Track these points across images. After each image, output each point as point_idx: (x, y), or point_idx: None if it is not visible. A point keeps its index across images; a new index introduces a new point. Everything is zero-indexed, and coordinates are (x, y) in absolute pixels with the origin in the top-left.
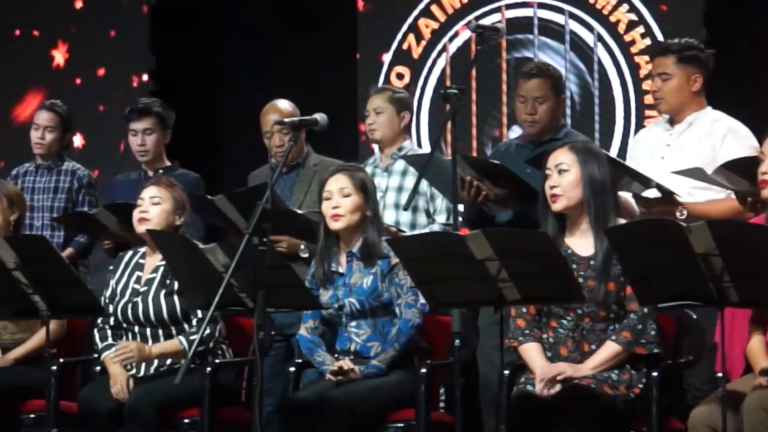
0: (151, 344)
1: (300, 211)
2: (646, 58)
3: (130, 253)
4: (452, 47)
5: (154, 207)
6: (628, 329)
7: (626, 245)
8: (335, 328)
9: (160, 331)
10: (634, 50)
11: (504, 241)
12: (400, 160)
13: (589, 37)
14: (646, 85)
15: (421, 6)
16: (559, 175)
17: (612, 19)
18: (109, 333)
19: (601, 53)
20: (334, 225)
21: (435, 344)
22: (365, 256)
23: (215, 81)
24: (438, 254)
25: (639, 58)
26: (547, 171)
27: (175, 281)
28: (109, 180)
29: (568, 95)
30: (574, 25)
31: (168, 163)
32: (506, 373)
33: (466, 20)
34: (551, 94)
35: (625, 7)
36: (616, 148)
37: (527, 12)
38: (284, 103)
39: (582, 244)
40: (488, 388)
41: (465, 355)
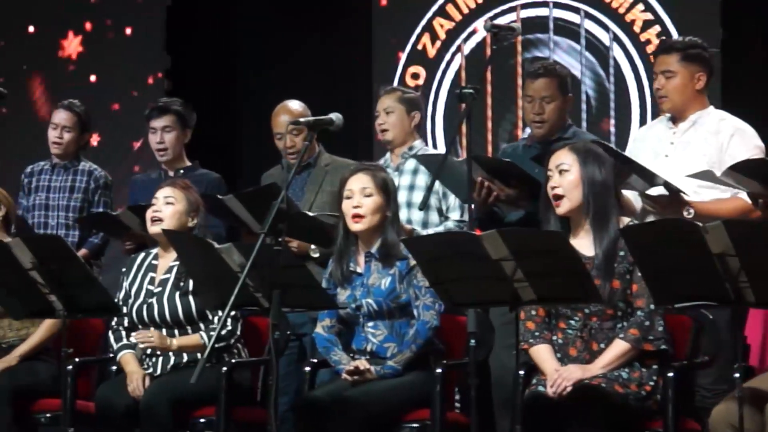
0: (161, 362)
1: (311, 213)
2: None
3: (143, 254)
4: (467, 47)
5: (167, 207)
6: (636, 326)
7: (642, 245)
8: (352, 328)
9: (175, 332)
10: (649, 50)
11: (519, 240)
12: (411, 159)
13: (604, 37)
14: None
15: (437, 6)
16: (560, 176)
17: (628, 18)
18: (124, 334)
19: (617, 53)
20: (355, 226)
21: (451, 344)
22: (384, 256)
23: (230, 80)
24: (453, 254)
25: (653, 53)
26: (549, 172)
27: (190, 281)
28: (120, 178)
29: (583, 94)
30: (589, 25)
31: (188, 163)
32: (521, 373)
33: (481, 20)
34: (558, 94)
35: (640, 6)
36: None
37: (542, 11)
38: (295, 104)
39: (586, 244)
40: (500, 388)
41: (481, 355)
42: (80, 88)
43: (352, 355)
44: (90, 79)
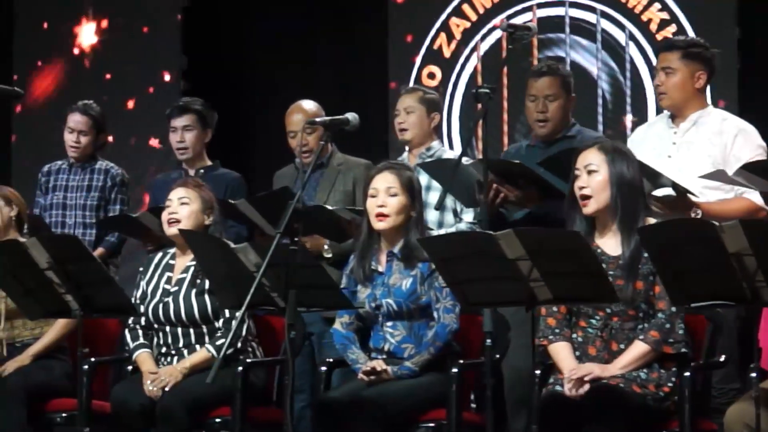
0: (182, 344)
1: (329, 207)
2: None
3: (160, 254)
4: (483, 46)
5: (182, 207)
6: (656, 328)
7: (659, 245)
8: (371, 326)
9: (191, 330)
10: None
11: (536, 240)
12: (428, 159)
13: (620, 36)
14: None
15: (453, 5)
16: (589, 176)
17: (644, 17)
18: (141, 333)
19: (633, 52)
20: (378, 225)
21: (467, 343)
22: (406, 257)
23: (245, 80)
24: (470, 254)
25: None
26: (576, 171)
27: (206, 280)
28: (133, 176)
29: (599, 94)
30: (605, 24)
31: (209, 163)
32: (537, 372)
33: (497, 19)
34: (561, 92)
35: (657, 5)
36: None
37: (559, 11)
38: (309, 104)
39: (611, 244)
40: (512, 388)
41: (497, 355)
42: (94, 85)
43: (368, 353)
44: (105, 77)
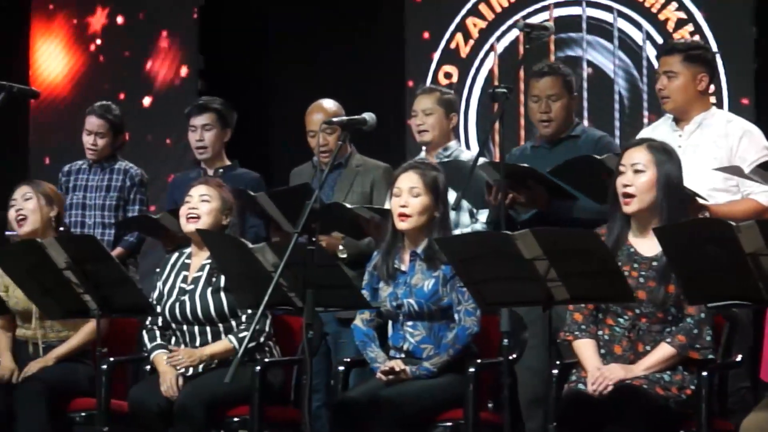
0: (199, 343)
1: (349, 205)
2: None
3: (176, 254)
4: (500, 46)
5: (203, 204)
6: (684, 333)
7: (675, 245)
8: (391, 324)
9: (208, 329)
10: None
11: (553, 240)
12: (445, 159)
13: (637, 36)
14: None
15: (470, 5)
16: (634, 175)
17: (661, 17)
18: (158, 333)
19: (650, 51)
20: (401, 225)
21: (484, 343)
22: (429, 258)
23: (262, 79)
24: (487, 254)
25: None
26: (621, 167)
27: (221, 277)
28: (149, 174)
29: (616, 94)
30: (622, 24)
31: (228, 162)
32: (555, 372)
33: (514, 19)
34: (564, 92)
35: (674, 5)
36: None
37: (576, 10)
38: (329, 103)
39: (646, 244)
40: (526, 388)
41: (514, 354)
42: (112, 84)
43: (387, 351)
44: (121, 75)
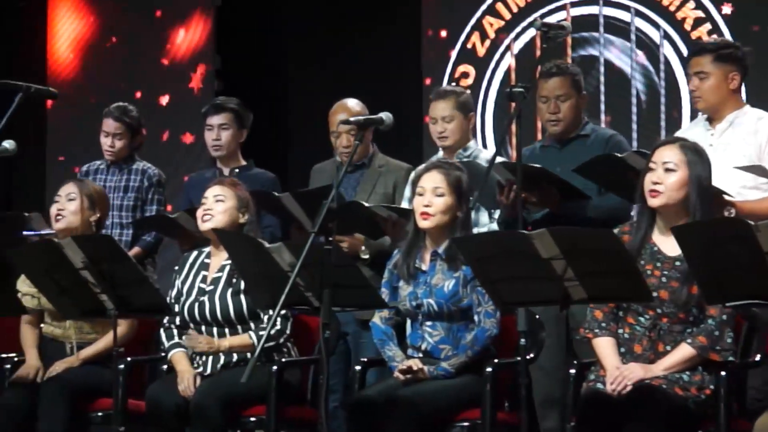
0: (212, 361)
1: (367, 203)
2: None
3: (195, 253)
4: (517, 46)
5: (217, 204)
6: (705, 334)
7: (693, 244)
8: (410, 323)
9: (226, 330)
10: None
11: (570, 239)
12: (465, 159)
13: (655, 35)
14: None
15: (486, 4)
16: (665, 173)
17: (678, 16)
18: (176, 332)
19: (668, 51)
20: (423, 224)
21: (501, 343)
22: (450, 258)
23: (278, 79)
24: (504, 253)
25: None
26: (652, 165)
27: (242, 279)
28: (169, 173)
29: (634, 93)
30: (640, 23)
31: (243, 162)
32: (572, 372)
33: (531, 18)
34: (572, 92)
35: (691, 4)
36: None
37: (593, 9)
38: (353, 102)
39: (670, 244)
40: (539, 388)
41: (531, 354)
42: (127, 82)
43: (405, 350)
44: (137, 75)
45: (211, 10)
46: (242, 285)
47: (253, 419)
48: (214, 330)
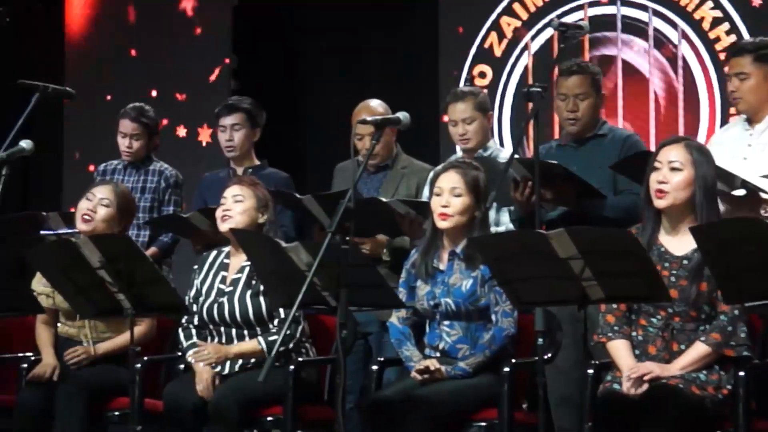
0: (230, 362)
1: (384, 199)
2: None
3: (215, 252)
4: (534, 45)
5: (236, 205)
6: (718, 331)
7: (712, 244)
8: (428, 322)
9: (245, 332)
10: (718, 47)
11: (588, 239)
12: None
13: (673, 35)
14: None
15: (504, 4)
16: (671, 172)
17: (696, 16)
18: (194, 332)
19: (686, 50)
20: (441, 224)
21: (519, 343)
22: (468, 257)
23: (295, 79)
24: (521, 253)
25: (724, 56)
26: (657, 164)
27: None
28: (187, 172)
29: (651, 93)
30: (657, 23)
31: (257, 162)
32: (590, 372)
33: (548, 18)
34: (592, 91)
35: (709, 3)
36: None
37: (610, 9)
38: (375, 103)
39: (677, 244)
40: (554, 387)
41: (549, 354)
42: (143, 81)
43: (423, 350)
44: (154, 73)
45: (228, 9)
46: (261, 286)
47: (270, 419)
48: (233, 331)
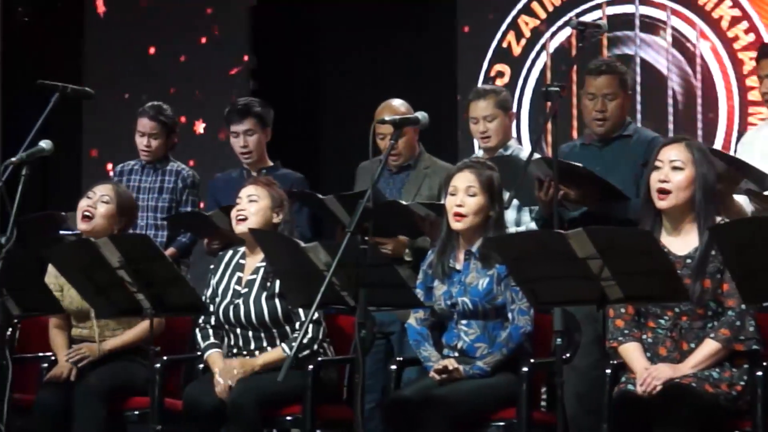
0: (254, 346)
1: (404, 202)
2: (750, 54)
3: (230, 252)
4: (553, 45)
5: (251, 205)
6: (727, 326)
7: (730, 243)
8: (445, 322)
9: (261, 334)
10: (737, 46)
11: (607, 239)
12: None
13: (691, 34)
14: (750, 81)
15: (522, 3)
16: (672, 171)
17: (715, 15)
18: (211, 332)
19: (704, 50)
20: (456, 225)
21: (538, 342)
22: (484, 257)
23: (313, 79)
24: (539, 253)
25: (742, 55)
26: (658, 163)
27: (276, 283)
28: (199, 170)
29: (670, 92)
30: (676, 22)
31: (270, 163)
32: (608, 372)
33: (566, 17)
34: (620, 91)
35: (728, 2)
36: (719, 146)
37: (629, 8)
38: (398, 103)
39: (679, 243)
40: (570, 386)
41: (568, 354)
42: (161, 80)
43: (441, 350)
44: (172, 73)
45: (246, 9)
46: (277, 288)
47: (289, 418)
48: (250, 333)
